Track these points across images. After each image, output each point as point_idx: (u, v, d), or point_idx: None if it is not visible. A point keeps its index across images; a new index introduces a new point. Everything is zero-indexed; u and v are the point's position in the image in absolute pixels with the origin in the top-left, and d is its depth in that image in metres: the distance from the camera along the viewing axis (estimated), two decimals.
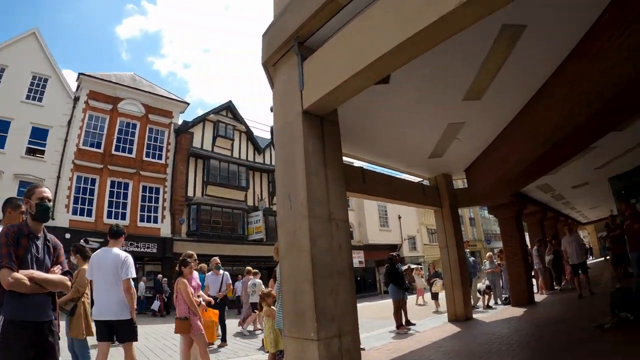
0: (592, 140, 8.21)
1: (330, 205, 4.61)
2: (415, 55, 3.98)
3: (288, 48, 5.01)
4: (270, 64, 5.40)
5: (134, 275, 5.33)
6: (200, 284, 7.01)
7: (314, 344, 4.00)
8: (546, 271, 15.40)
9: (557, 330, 7.38)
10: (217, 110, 27.96)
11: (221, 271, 10.22)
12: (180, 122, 26.37)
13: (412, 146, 9.49)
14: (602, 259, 27.17)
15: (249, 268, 13.26)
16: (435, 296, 15.90)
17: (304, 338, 4.13)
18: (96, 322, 5.16)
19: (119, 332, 5.13)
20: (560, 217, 23.04)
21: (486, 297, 13.68)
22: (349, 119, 6.78)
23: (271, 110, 5.49)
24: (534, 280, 14.87)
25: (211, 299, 7.74)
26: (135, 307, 5.32)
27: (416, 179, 12.67)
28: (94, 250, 5.88)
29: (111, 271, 5.18)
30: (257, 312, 11.77)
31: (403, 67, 5.54)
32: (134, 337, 5.20)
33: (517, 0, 4.29)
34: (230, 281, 8.35)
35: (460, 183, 17.96)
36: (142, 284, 20.34)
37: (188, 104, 26.63)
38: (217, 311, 6.82)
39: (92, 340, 5.52)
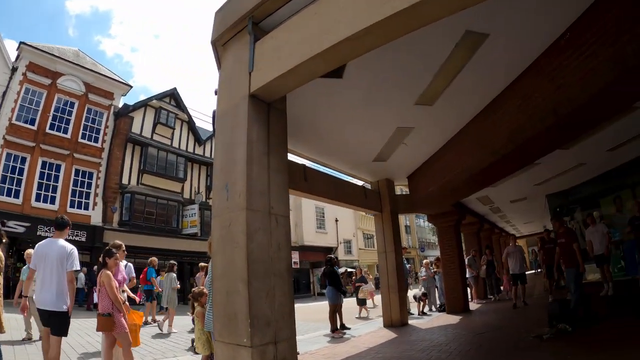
0: (539, 156, 8.35)
1: (271, 198, 4.22)
2: (376, 44, 3.75)
3: (241, 27, 4.63)
4: (220, 43, 4.98)
5: (79, 268, 5.49)
6: (126, 277, 6.38)
7: (247, 351, 3.60)
8: (480, 281, 15.76)
9: (495, 338, 7.38)
10: (160, 97, 26.71)
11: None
12: (121, 105, 24.90)
13: (358, 147, 9.29)
14: (533, 271, 28.42)
15: (202, 264, 12.63)
16: (361, 302, 15.69)
17: (236, 344, 3.70)
18: (38, 309, 5.26)
19: (53, 323, 5.18)
20: (495, 230, 23.84)
21: (421, 303, 13.74)
22: (296, 112, 6.41)
23: (215, 93, 5.04)
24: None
25: (136, 296, 7.17)
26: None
27: (359, 182, 12.51)
28: (11, 234, 5.39)
29: (56, 262, 5.24)
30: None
31: (359, 62, 5.45)
32: (63, 331, 5.26)
33: (484, 8, 4.31)
34: (134, 274, 7.52)
35: (399, 190, 18.11)
36: (82, 275, 19.00)
37: (131, 86, 25.21)
38: (141, 313, 6.15)
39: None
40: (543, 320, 7.59)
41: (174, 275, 12.31)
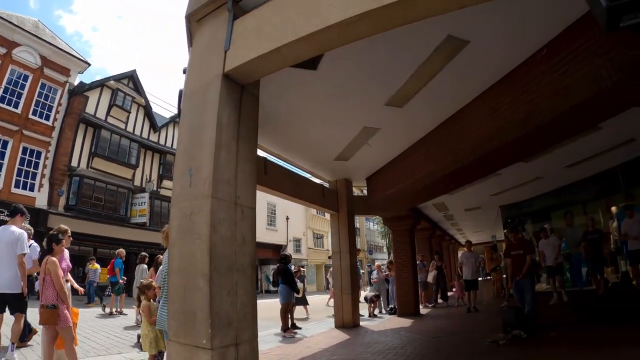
0: (502, 167, 8.47)
1: (238, 187, 3.90)
2: (369, 33, 3.58)
3: (220, 3, 4.31)
4: (195, 19, 4.61)
5: (27, 251, 5.84)
6: (70, 265, 5.87)
7: (207, 354, 3.27)
8: (429, 285, 15.93)
9: (451, 343, 7.37)
10: (118, 77, 25.46)
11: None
12: (76, 83, 23.50)
13: (322, 144, 9.10)
14: (480, 278, 29.19)
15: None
16: (302, 301, 14.93)
17: (194, 345, 3.36)
18: None
19: (11, 304, 5.70)
20: (445, 237, 24.28)
21: (372, 305, 13.71)
22: (262, 101, 6.07)
23: (184, 72, 4.69)
24: None
25: (80, 288, 6.69)
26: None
27: (317, 181, 12.32)
28: None
29: (6, 247, 5.63)
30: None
31: (335, 55, 5.29)
32: (23, 309, 5.84)
33: (469, 15, 4.50)
34: (37, 256, 6.67)
35: (356, 192, 18.02)
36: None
37: (89, 64, 23.90)
38: (77, 310, 5.61)
39: None
40: (496, 326, 7.71)
41: (145, 266, 11.79)
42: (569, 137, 7.31)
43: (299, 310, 13.29)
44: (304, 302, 14.68)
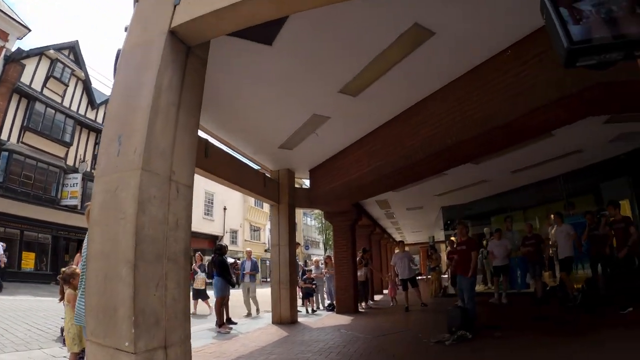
0: (452, 166, 8.38)
1: (175, 161, 3.33)
2: None
3: None
4: None
5: None
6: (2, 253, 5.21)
7: (129, 358, 2.71)
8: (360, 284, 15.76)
9: (395, 342, 7.17)
10: (59, 47, 23.63)
11: None
12: (14, 49, 21.61)
13: (268, 130, 8.60)
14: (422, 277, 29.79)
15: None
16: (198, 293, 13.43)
17: (115, 347, 2.77)
18: None
19: None
20: (384, 235, 24.37)
21: (311, 301, 13.55)
22: (209, 76, 5.56)
23: (125, 30, 4.07)
24: None
25: None
26: None
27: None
28: None
29: None
30: None
31: (295, 31, 4.95)
32: None
33: (440, 4, 4.55)
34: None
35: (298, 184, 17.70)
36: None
37: (30, 30, 22.04)
38: None
39: None
40: (439, 325, 7.66)
41: None
42: (523, 141, 7.37)
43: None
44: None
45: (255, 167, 11.21)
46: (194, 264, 13.06)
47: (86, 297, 3.13)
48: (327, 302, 14.53)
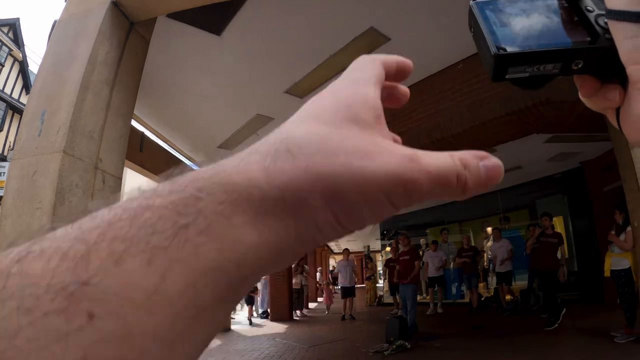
0: None
1: (103, 147, 2.99)
2: None
3: None
4: None
5: None
6: None
7: None
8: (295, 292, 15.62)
9: (332, 351, 7.07)
10: None
11: None
12: None
13: (208, 126, 8.22)
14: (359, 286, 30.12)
15: None
16: None
17: None
18: None
19: None
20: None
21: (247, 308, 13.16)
22: (152, 63, 5.01)
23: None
24: None
25: None
26: None
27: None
28: None
29: None
30: None
31: (245, 22, 4.73)
32: None
33: (398, 10, 4.59)
34: None
35: None
36: None
37: None
38: None
39: None
40: (376, 335, 7.61)
41: None
42: None
43: None
44: None
45: (194, 167, 10.77)
46: None
47: None
48: (260, 309, 14.24)
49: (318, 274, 21.71)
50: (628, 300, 5.51)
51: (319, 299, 19.66)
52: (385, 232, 17.41)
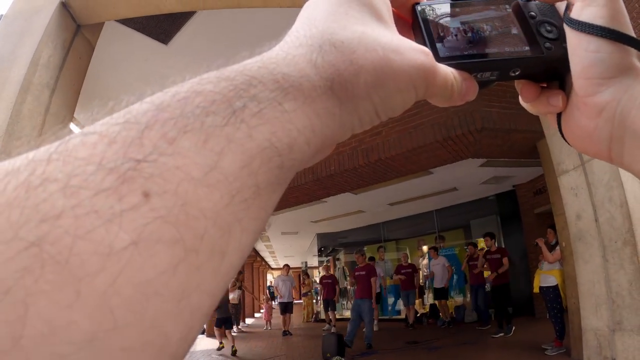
0: (332, 194, 8.61)
1: None
2: None
3: None
4: None
5: None
6: None
7: None
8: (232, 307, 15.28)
9: None
10: None
11: None
12: None
13: None
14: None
15: None
16: None
17: None
18: None
19: None
20: (257, 258, 24.03)
21: None
22: (94, 67, 5.03)
23: None
24: None
25: None
26: None
27: None
28: None
29: None
30: None
31: (194, 35, 4.71)
32: None
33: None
34: None
35: None
36: None
37: None
38: None
39: None
40: (312, 351, 7.74)
41: None
42: (403, 176, 7.64)
43: None
44: None
45: None
46: None
47: None
48: None
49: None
50: (556, 315, 5.86)
51: (256, 314, 19.28)
52: (322, 248, 17.47)
